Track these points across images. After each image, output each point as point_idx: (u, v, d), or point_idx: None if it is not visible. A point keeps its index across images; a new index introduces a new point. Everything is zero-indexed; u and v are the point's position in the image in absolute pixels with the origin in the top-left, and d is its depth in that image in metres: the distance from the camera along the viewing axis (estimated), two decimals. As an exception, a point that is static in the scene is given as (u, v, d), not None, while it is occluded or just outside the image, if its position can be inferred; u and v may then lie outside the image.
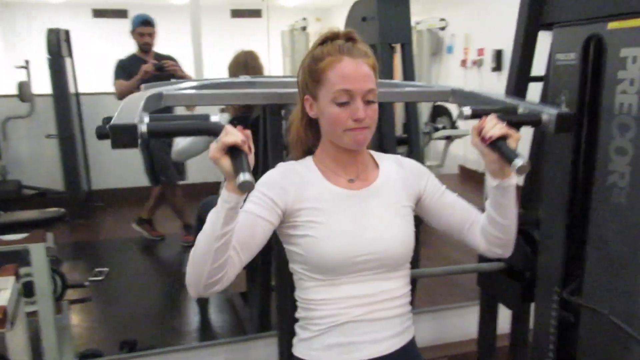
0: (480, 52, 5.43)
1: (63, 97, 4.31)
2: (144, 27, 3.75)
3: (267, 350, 2.16)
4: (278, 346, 1.74)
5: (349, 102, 1.11)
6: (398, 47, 2.64)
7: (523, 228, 1.69)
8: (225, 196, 0.97)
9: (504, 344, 1.88)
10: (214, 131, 1.00)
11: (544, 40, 1.56)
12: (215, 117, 1.05)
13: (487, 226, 1.19)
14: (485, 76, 5.37)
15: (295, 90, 1.26)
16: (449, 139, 4.56)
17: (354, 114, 1.10)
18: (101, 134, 1.08)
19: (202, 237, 1.00)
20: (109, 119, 1.06)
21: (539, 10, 1.49)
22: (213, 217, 0.99)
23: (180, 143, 2.63)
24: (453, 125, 4.62)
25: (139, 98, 1.21)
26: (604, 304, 1.28)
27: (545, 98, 1.51)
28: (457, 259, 3.47)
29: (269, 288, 2.22)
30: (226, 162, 0.94)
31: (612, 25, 1.22)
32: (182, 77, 3.59)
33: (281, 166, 1.21)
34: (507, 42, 1.68)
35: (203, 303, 3.04)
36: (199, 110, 2.76)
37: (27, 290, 1.92)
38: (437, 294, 2.84)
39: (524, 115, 1.26)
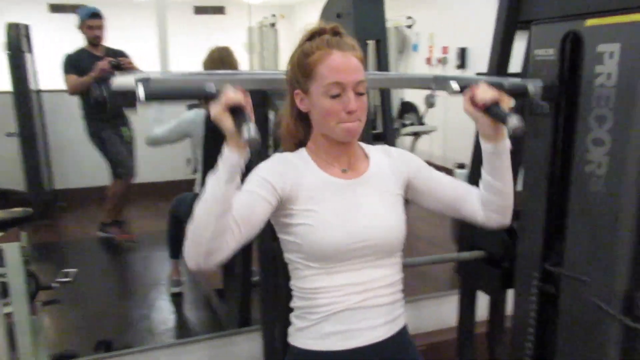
0: (445, 50, 5.55)
1: (24, 94, 4.17)
2: (93, 19, 3.64)
3: (249, 345, 2.16)
4: (262, 338, 1.74)
5: (341, 94, 1.13)
6: (371, 44, 2.67)
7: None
8: (227, 155, 0.99)
9: (481, 330, 1.94)
10: (210, 95, 1.02)
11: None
12: (211, 85, 1.06)
13: (485, 194, 1.22)
14: (449, 73, 5.50)
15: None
16: (417, 135, 4.65)
17: (346, 106, 1.13)
18: (97, 99, 1.08)
19: (201, 204, 1.00)
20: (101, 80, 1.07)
21: (517, 8, 1.55)
22: (212, 181, 1.00)
23: (157, 130, 2.59)
24: (420, 122, 4.71)
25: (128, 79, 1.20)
26: (582, 288, 1.35)
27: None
28: (424, 250, 3.56)
29: (249, 283, 2.22)
30: (228, 120, 0.96)
31: (590, 22, 1.29)
32: None
33: (277, 156, 1.22)
34: (470, 40, 1.76)
35: (178, 300, 3.01)
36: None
37: (1, 291, 1.87)
38: (409, 286, 2.89)
39: (511, 87, 1.29)
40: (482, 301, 1.90)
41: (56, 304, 2.77)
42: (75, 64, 3.56)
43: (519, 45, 1.67)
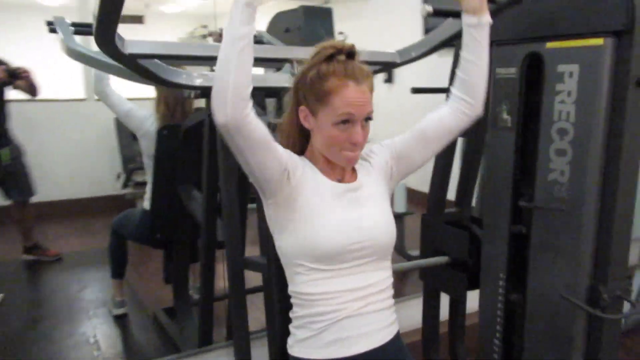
0: (372, 64, 5.75)
1: None
2: None
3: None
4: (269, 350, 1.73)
5: (348, 123, 1.17)
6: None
7: (463, 224, 1.88)
8: None
9: (444, 330, 2.05)
10: None
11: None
12: None
13: (461, 75, 1.29)
14: (377, 88, 5.68)
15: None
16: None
17: (351, 138, 1.18)
18: None
19: (223, 47, 1.02)
20: None
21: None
22: (228, 23, 1.01)
23: (113, 90, 2.46)
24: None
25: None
26: (548, 284, 1.48)
27: (487, 108, 1.69)
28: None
29: (211, 298, 2.19)
30: None
31: (550, 45, 1.43)
32: (34, 86, 3.38)
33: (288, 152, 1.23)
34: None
35: (124, 322, 2.89)
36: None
37: None
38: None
39: None
40: (443, 302, 2.02)
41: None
42: None
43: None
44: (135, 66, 1.46)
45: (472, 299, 1.85)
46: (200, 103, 3.43)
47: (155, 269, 3.40)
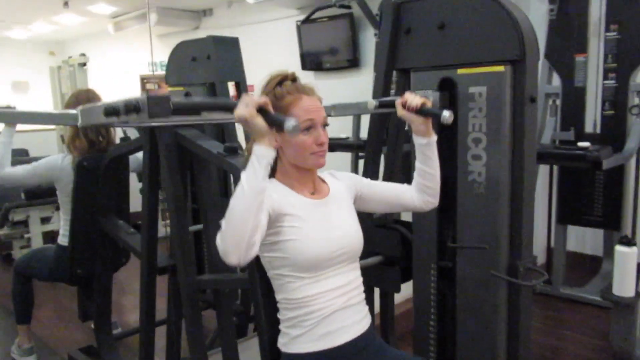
0: (251, 88, 5.93)
1: None
2: None
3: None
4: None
5: (312, 128, 1.37)
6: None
7: (389, 226, 2.15)
8: (262, 152, 1.13)
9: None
10: (231, 106, 1.17)
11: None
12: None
13: (420, 180, 1.52)
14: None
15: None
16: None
17: (317, 139, 1.37)
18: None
19: (239, 199, 1.11)
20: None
21: (393, 59, 1.97)
22: (249, 176, 1.12)
23: (9, 169, 2.32)
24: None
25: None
26: (474, 267, 1.80)
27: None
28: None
29: (153, 325, 2.19)
30: (260, 119, 1.13)
31: (461, 71, 1.76)
32: None
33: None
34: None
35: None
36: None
37: None
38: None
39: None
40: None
41: None
42: None
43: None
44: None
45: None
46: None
47: (58, 308, 3.21)
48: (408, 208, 1.60)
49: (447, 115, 1.43)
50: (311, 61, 5.13)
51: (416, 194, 1.56)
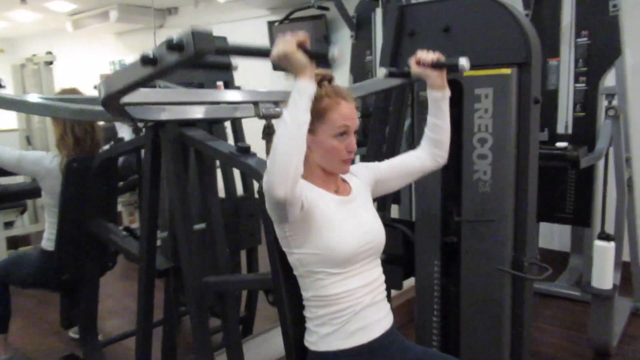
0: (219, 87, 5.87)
1: None
2: None
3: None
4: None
5: (345, 134, 1.39)
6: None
7: (387, 225, 2.19)
8: (304, 86, 1.16)
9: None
10: (267, 50, 1.17)
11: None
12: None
13: (432, 135, 1.59)
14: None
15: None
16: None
17: (348, 146, 1.40)
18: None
19: (283, 134, 1.15)
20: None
21: (396, 62, 2.01)
22: (291, 110, 1.15)
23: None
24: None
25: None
26: (480, 261, 1.86)
27: (412, 123, 2.03)
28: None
29: (150, 329, 2.14)
30: (301, 54, 1.15)
31: (467, 73, 1.80)
32: None
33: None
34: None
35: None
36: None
37: None
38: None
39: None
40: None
41: None
42: None
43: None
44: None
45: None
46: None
47: (31, 317, 3.08)
48: (423, 170, 1.62)
49: (464, 62, 1.48)
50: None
51: (426, 153, 1.61)
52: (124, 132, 3.04)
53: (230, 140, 2.75)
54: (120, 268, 2.94)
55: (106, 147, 2.58)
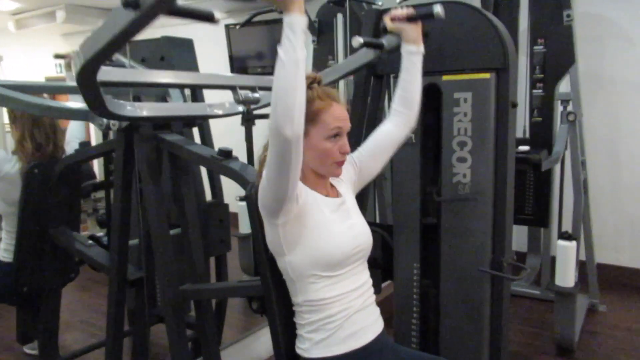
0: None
1: None
2: None
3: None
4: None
5: (338, 136, 1.38)
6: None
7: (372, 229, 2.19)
8: (294, 20, 1.13)
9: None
10: None
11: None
12: None
13: (401, 93, 1.60)
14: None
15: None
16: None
17: (342, 148, 1.39)
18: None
19: (281, 74, 1.12)
20: None
21: (374, 66, 2.01)
22: (286, 48, 1.11)
23: None
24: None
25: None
26: (459, 262, 1.89)
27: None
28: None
29: (121, 340, 2.04)
30: None
31: (446, 77, 1.85)
32: None
33: None
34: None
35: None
36: None
37: None
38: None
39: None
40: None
41: None
42: None
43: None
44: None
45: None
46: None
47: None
48: (395, 142, 1.60)
49: (439, 9, 1.54)
50: (241, 65, 5.08)
51: (393, 123, 1.60)
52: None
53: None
54: (76, 279, 2.80)
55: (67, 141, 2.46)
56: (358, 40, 1.69)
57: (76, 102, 1.77)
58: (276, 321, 1.43)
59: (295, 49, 1.12)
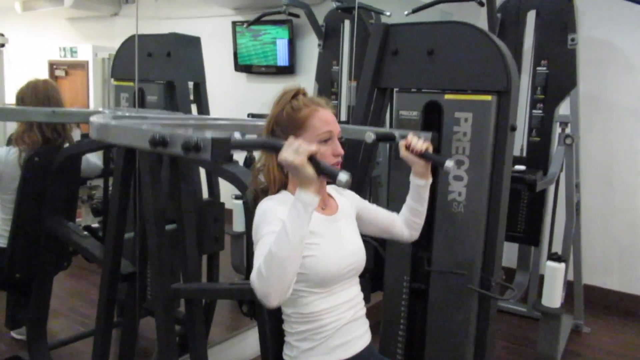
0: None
1: None
2: None
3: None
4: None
5: (330, 140, 1.40)
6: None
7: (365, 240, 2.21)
8: (309, 200, 1.13)
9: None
10: (278, 147, 1.15)
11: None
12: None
13: (409, 217, 1.65)
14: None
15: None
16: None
17: (335, 150, 1.41)
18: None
19: (283, 245, 1.11)
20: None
21: (377, 80, 2.04)
22: (294, 223, 1.11)
23: None
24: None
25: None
26: (445, 281, 1.92)
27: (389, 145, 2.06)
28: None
29: (109, 333, 2.06)
30: (310, 168, 1.12)
31: (448, 96, 1.87)
32: None
33: (271, 199, 1.38)
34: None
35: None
36: None
37: None
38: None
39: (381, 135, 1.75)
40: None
41: None
42: None
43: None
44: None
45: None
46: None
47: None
48: (395, 237, 1.68)
49: (450, 165, 1.55)
50: (245, 63, 5.09)
51: (403, 227, 1.67)
52: None
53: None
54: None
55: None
56: (370, 136, 1.68)
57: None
58: (265, 327, 1.45)
59: (303, 225, 1.13)
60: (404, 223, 1.67)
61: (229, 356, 2.65)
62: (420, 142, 1.59)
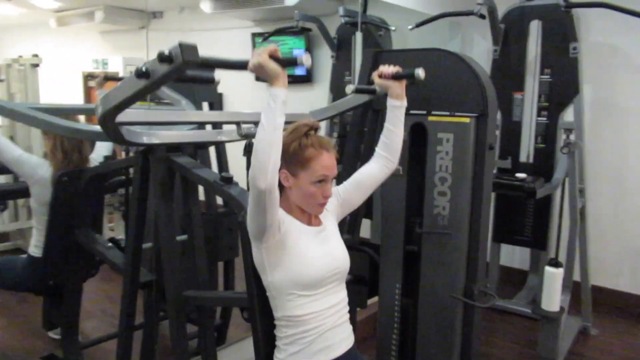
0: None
1: None
2: None
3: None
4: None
5: (323, 182, 1.57)
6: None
7: (356, 247, 2.38)
8: (277, 92, 1.31)
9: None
10: (245, 62, 1.33)
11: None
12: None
13: (385, 140, 1.78)
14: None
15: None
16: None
17: (325, 192, 1.58)
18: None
19: (261, 136, 1.32)
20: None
21: (370, 101, 2.20)
22: (267, 115, 1.31)
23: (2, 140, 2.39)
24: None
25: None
26: (436, 287, 2.07)
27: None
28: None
29: (131, 336, 2.29)
30: (273, 63, 1.30)
31: (432, 118, 2.02)
32: None
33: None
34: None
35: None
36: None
37: None
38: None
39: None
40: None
41: None
42: None
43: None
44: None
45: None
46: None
47: (16, 316, 3.19)
48: (376, 181, 1.79)
49: (419, 72, 1.71)
50: (265, 74, 5.28)
51: (376, 164, 1.79)
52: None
53: (214, 162, 2.91)
54: (100, 271, 3.06)
55: (93, 155, 2.73)
56: (350, 88, 1.87)
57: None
58: (258, 331, 1.64)
59: (275, 116, 1.32)
60: (379, 153, 1.80)
61: (246, 355, 2.82)
62: (390, 67, 1.77)
